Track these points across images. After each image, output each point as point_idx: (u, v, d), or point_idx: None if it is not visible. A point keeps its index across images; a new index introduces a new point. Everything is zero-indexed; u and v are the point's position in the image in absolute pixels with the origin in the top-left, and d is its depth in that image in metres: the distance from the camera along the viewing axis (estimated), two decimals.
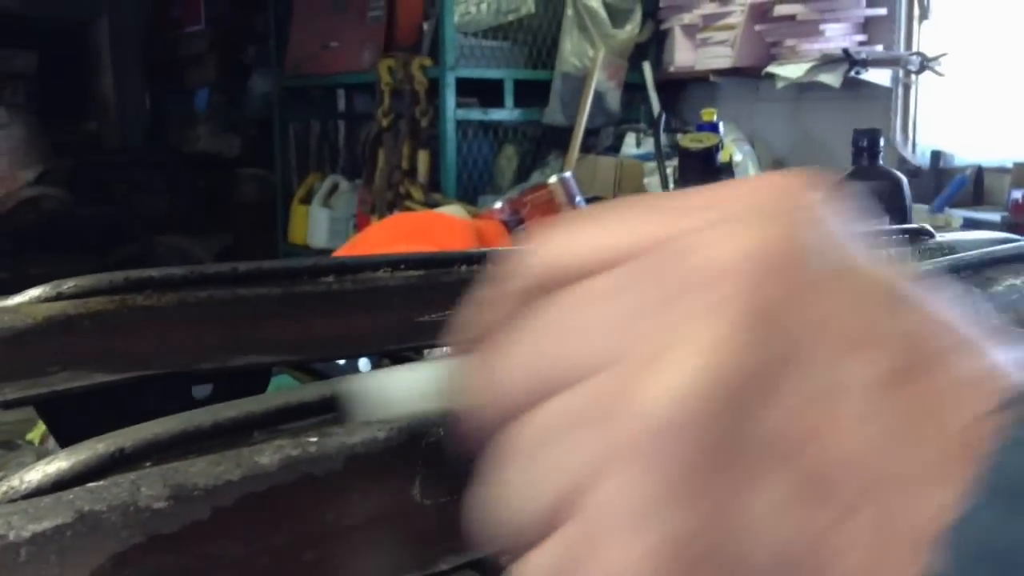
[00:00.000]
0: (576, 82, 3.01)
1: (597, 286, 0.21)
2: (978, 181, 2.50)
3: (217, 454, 0.26)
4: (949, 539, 0.18)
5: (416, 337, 0.45)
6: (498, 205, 1.45)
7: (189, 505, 0.24)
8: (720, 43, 2.87)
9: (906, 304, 0.21)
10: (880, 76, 2.62)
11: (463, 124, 2.99)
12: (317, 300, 0.41)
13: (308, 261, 0.42)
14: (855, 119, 2.10)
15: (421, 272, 0.45)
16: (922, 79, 2.63)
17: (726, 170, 1.42)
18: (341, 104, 3.80)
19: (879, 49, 2.65)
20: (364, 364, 0.85)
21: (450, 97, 2.89)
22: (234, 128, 4.30)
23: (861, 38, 2.70)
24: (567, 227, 0.22)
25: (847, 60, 2.54)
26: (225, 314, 0.37)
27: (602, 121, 3.11)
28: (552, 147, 3.18)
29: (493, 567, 0.26)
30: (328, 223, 3.37)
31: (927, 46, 2.64)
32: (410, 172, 2.98)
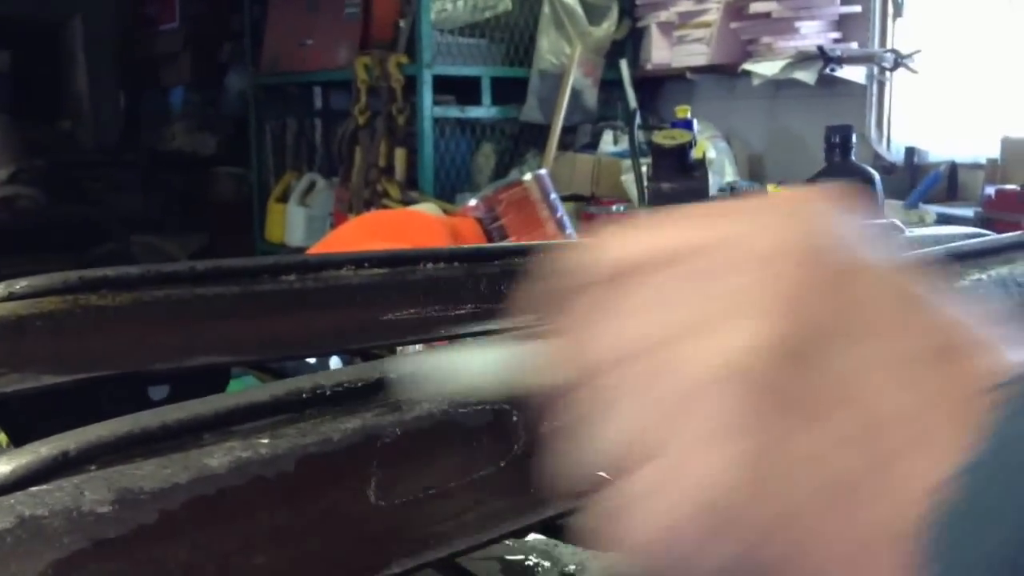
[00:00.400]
0: (553, 79, 3.01)
1: (670, 273, 0.26)
2: (952, 177, 2.51)
3: (164, 457, 0.25)
4: (950, 489, 0.22)
5: (381, 335, 0.44)
6: (473, 203, 1.45)
7: (135, 509, 0.24)
8: (696, 40, 2.88)
9: (917, 297, 0.25)
10: (855, 73, 2.64)
11: (440, 122, 2.99)
12: (278, 299, 0.40)
13: (269, 259, 0.42)
14: (830, 116, 2.11)
15: (386, 270, 0.44)
16: (896, 76, 2.65)
17: (699, 167, 1.41)
18: (318, 102, 3.77)
19: (854, 46, 2.67)
20: (335, 362, 0.84)
21: (427, 95, 2.88)
22: (210, 126, 4.26)
23: (836, 35, 2.72)
24: (627, 230, 0.28)
25: (822, 57, 2.55)
26: (182, 314, 0.37)
27: (579, 119, 3.11)
28: (530, 145, 3.18)
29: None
30: (305, 221, 3.36)
31: (901, 43, 2.65)
32: (387, 170, 2.96)
